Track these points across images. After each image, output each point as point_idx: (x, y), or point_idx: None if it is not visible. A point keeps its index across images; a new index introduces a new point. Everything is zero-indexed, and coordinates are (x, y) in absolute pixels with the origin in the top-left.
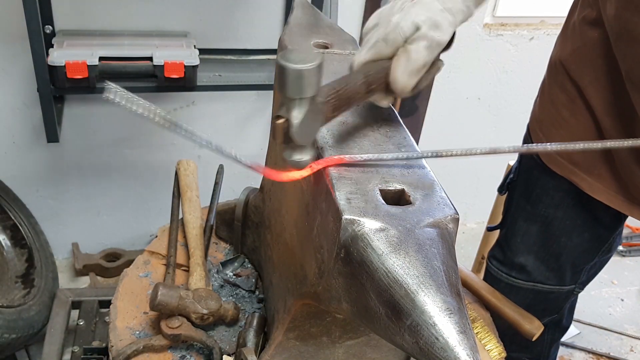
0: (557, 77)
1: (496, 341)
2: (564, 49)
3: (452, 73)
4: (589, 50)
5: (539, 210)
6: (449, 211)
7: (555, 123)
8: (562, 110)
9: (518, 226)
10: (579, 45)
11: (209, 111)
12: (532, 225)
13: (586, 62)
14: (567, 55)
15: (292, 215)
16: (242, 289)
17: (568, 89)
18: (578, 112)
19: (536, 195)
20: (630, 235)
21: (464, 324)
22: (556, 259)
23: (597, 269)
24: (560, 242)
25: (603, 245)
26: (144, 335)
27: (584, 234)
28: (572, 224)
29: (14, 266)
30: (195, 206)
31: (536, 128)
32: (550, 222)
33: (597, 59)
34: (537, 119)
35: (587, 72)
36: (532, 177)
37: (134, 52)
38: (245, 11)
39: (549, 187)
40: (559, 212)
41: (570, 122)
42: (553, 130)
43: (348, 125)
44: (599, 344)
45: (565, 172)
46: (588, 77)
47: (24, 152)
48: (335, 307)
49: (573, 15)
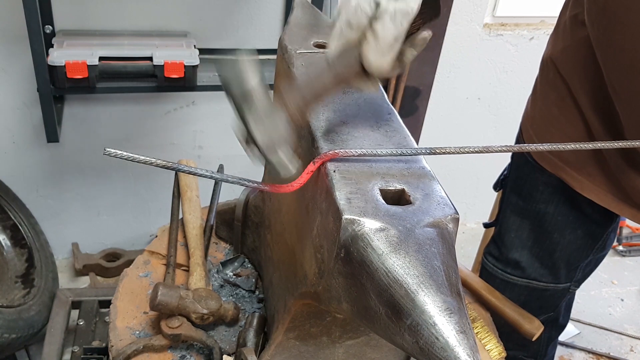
0: (548, 74)
1: (496, 341)
2: (555, 46)
3: (452, 73)
4: (578, 49)
5: (530, 206)
6: (449, 211)
7: (546, 120)
8: (552, 108)
9: (512, 221)
10: (569, 44)
11: (209, 111)
12: (524, 220)
13: (575, 61)
14: (558, 54)
15: (292, 215)
16: (242, 289)
17: (558, 86)
18: (567, 110)
19: (527, 191)
20: (630, 235)
21: (464, 323)
22: (550, 256)
23: (593, 267)
24: (553, 238)
25: (596, 242)
26: (144, 335)
27: (577, 230)
28: (563, 220)
29: (14, 266)
30: (195, 206)
31: (527, 125)
32: (542, 218)
33: (586, 59)
34: (529, 117)
35: (576, 70)
36: (522, 173)
37: (134, 52)
38: (245, 11)
39: (538, 184)
40: (550, 208)
41: (559, 119)
42: (543, 128)
43: (348, 126)
44: (599, 344)
45: (556, 170)
46: (577, 76)
47: (24, 152)
48: (335, 307)
49: (565, 14)
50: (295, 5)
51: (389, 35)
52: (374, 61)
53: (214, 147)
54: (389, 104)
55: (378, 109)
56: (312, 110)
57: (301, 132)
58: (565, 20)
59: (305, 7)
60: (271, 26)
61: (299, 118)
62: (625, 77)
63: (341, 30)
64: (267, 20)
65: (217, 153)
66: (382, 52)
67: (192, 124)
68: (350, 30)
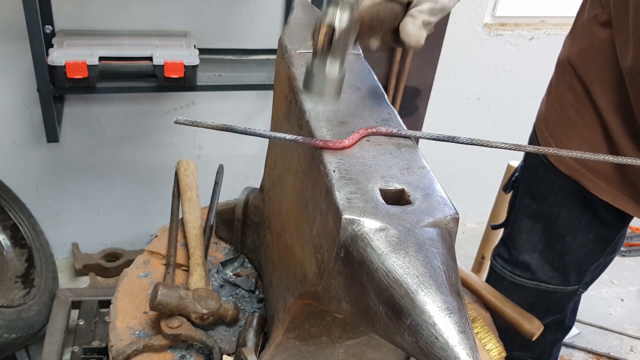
0: (564, 76)
1: (496, 341)
2: (572, 48)
3: (452, 73)
4: (597, 50)
5: (543, 209)
6: (449, 211)
7: (562, 122)
8: (569, 110)
9: (523, 224)
10: (587, 45)
11: (209, 111)
12: (537, 223)
13: (594, 62)
14: (576, 55)
15: (292, 215)
16: (242, 288)
17: (575, 88)
18: (585, 112)
19: (541, 194)
20: (630, 235)
21: (463, 323)
22: (561, 259)
23: (601, 270)
24: (565, 241)
25: (608, 245)
26: (144, 335)
27: (589, 234)
28: (576, 223)
29: (14, 266)
30: (195, 206)
31: (542, 127)
32: (554, 221)
33: (606, 59)
34: (543, 118)
35: (594, 71)
36: (536, 175)
37: (134, 52)
38: (245, 11)
39: (553, 186)
40: (564, 211)
41: (577, 121)
42: (559, 130)
43: (349, 126)
44: (599, 344)
45: (572, 172)
46: (595, 77)
47: (24, 152)
48: (335, 307)
49: (582, 15)
50: (295, 5)
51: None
52: (412, 34)
53: (214, 147)
54: (389, 103)
55: (378, 109)
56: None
57: None
58: (583, 22)
59: (305, 7)
60: (271, 26)
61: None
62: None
63: None
64: (267, 20)
65: (217, 153)
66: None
67: None
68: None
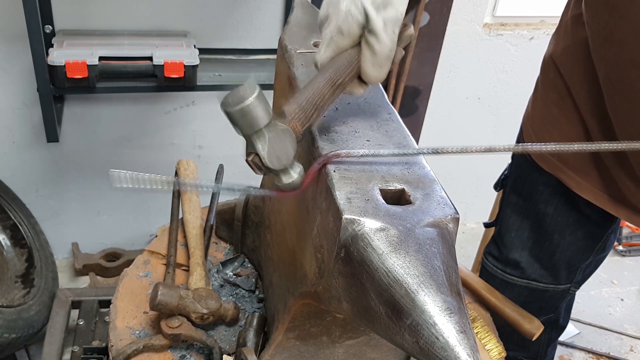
0: (548, 74)
1: (496, 341)
2: (556, 46)
3: (451, 73)
4: (578, 49)
5: (530, 206)
6: (449, 211)
7: (546, 120)
8: (552, 108)
9: (512, 221)
10: (569, 44)
11: (209, 111)
12: (525, 220)
13: (575, 61)
14: (559, 53)
15: (292, 215)
16: (242, 288)
17: (559, 86)
18: (567, 110)
19: (527, 191)
20: (630, 235)
21: (464, 323)
22: (550, 257)
23: (593, 268)
24: (553, 239)
25: (597, 243)
26: (144, 335)
27: (577, 232)
28: (563, 221)
29: (14, 266)
30: (195, 206)
31: (528, 125)
32: (542, 219)
33: (586, 59)
34: (529, 117)
35: (575, 71)
36: (522, 173)
37: (133, 51)
38: (245, 11)
39: (538, 183)
40: (550, 209)
41: (559, 119)
42: (542, 127)
43: (348, 126)
44: (599, 344)
45: (554, 170)
46: (576, 76)
47: (24, 152)
48: (336, 306)
49: (567, 14)
50: (295, 5)
51: (385, 47)
52: (372, 73)
53: (214, 147)
54: (389, 103)
55: (378, 109)
56: (315, 122)
57: None
58: (566, 20)
59: (305, 7)
60: (271, 26)
61: (301, 131)
62: (626, 72)
63: (332, 36)
64: (267, 20)
65: (217, 153)
66: (380, 64)
67: (192, 124)
68: (341, 37)
